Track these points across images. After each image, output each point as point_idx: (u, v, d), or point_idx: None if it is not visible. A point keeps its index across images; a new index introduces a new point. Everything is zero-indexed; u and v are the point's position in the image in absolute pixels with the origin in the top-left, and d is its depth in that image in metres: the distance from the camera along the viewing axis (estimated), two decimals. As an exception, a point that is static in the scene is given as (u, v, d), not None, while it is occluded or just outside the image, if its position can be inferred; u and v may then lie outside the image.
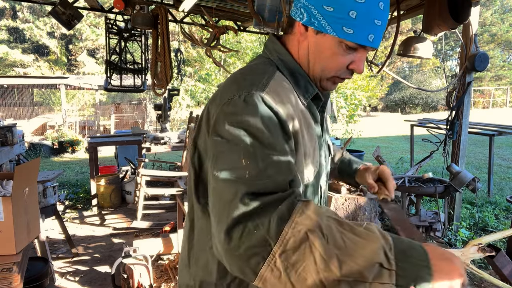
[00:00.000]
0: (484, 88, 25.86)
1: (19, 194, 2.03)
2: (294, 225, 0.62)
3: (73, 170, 8.48)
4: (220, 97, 0.82)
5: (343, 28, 0.79)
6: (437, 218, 3.33)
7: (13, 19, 22.13)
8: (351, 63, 0.85)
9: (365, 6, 0.78)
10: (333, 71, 0.87)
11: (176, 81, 9.32)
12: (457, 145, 3.87)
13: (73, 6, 4.15)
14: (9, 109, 16.84)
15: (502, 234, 0.95)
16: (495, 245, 1.02)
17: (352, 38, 0.80)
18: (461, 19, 3.25)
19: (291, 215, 0.64)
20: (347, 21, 0.79)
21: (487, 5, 25.98)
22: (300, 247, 0.61)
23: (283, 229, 0.62)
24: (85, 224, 4.76)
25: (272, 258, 0.61)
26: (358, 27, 0.79)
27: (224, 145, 0.73)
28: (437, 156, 4.19)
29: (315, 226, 0.62)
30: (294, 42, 0.90)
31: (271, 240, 0.62)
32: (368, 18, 0.79)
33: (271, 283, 0.63)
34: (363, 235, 0.64)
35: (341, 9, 0.78)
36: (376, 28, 0.81)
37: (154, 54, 4.15)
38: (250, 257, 0.63)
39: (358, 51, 0.84)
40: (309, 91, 0.90)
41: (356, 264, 0.60)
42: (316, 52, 0.86)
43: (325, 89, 0.93)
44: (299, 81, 0.89)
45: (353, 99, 9.76)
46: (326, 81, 0.90)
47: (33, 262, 2.62)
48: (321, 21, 0.81)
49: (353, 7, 0.78)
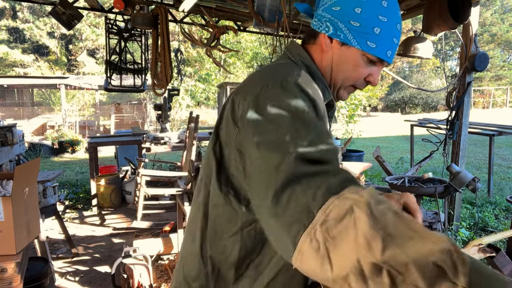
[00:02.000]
0: (484, 88, 25.87)
1: (19, 194, 2.03)
2: (342, 197, 0.57)
3: (73, 170, 8.48)
4: (249, 86, 0.83)
5: (367, 42, 0.88)
6: (437, 218, 3.33)
7: (13, 19, 22.14)
8: (368, 76, 0.94)
9: (387, 24, 0.89)
10: (353, 80, 0.95)
11: (176, 81, 9.33)
12: (457, 145, 3.87)
13: (73, 6, 4.15)
14: (9, 109, 16.85)
15: (502, 234, 0.95)
16: (495, 245, 1.02)
17: (374, 52, 0.89)
18: (461, 19, 3.25)
19: (343, 190, 0.59)
20: (372, 36, 0.88)
21: (487, 5, 25.99)
22: (344, 219, 0.55)
23: (329, 198, 0.58)
24: (85, 224, 4.76)
25: (313, 227, 0.57)
26: (380, 42, 0.89)
27: (266, 125, 0.72)
28: (437, 156, 4.19)
29: (366, 203, 0.55)
30: (317, 51, 0.96)
31: (314, 207, 0.58)
32: (389, 35, 0.89)
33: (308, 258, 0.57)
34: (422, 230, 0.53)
35: (367, 25, 0.88)
36: (394, 45, 0.91)
37: (154, 54, 4.15)
38: (292, 223, 0.59)
39: (376, 65, 0.93)
40: (326, 96, 0.94)
41: (404, 254, 0.50)
42: (339, 62, 0.93)
43: (340, 97, 0.99)
44: (318, 85, 0.92)
45: (353, 99, 9.76)
46: (343, 90, 0.97)
47: (33, 262, 2.62)
48: (347, 34, 0.90)
49: (377, 24, 0.88)
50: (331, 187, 0.59)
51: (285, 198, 0.61)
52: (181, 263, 0.99)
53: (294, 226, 0.59)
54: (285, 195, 0.61)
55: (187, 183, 3.47)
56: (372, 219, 0.54)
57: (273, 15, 3.08)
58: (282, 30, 3.02)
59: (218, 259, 0.90)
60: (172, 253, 3.43)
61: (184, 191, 3.49)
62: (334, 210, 0.56)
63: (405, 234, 0.53)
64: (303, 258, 0.58)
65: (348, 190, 0.58)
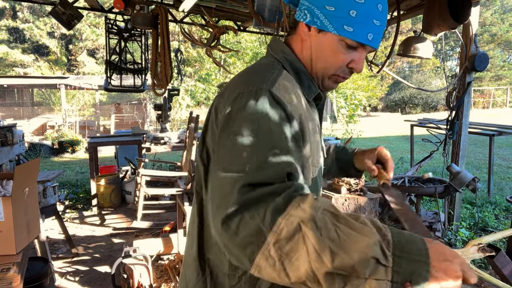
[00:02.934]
0: (484, 88, 25.86)
1: (19, 194, 2.03)
2: (288, 217, 0.63)
3: (73, 170, 8.48)
4: (228, 92, 0.84)
5: (344, 26, 0.84)
6: (437, 218, 3.33)
7: (13, 19, 22.14)
8: (350, 62, 0.89)
9: (364, 6, 0.83)
10: (334, 69, 0.90)
11: (176, 81, 9.33)
12: (457, 145, 3.87)
13: (73, 6, 4.14)
14: (9, 109, 16.84)
15: (502, 234, 0.95)
16: (495, 245, 1.02)
17: (352, 36, 0.84)
18: (461, 19, 3.25)
19: (287, 207, 0.64)
20: (348, 20, 0.83)
21: (487, 5, 25.98)
22: (294, 237, 0.62)
23: (277, 219, 0.63)
24: (85, 224, 4.76)
25: (266, 247, 0.63)
26: (357, 25, 0.84)
27: (230, 139, 0.75)
28: (437, 156, 4.19)
29: (309, 218, 0.62)
30: (297, 42, 0.94)
31: (265, 229, 0.63)
32: (367, 18, 0.84)
33: (266, 272, 0.64)
34: (358, 229, 0.63)
35: (342, 8, 0.83)
36: (375, 27, 0.85)
37: (154, 54, 4.15)
38: (246, 245, 0.64)
39: (357, 50, 0.88)
40: (312, 91, 0.93)
41: (349, 258, 0.60)
42: (318, 50, 0.90)
43: (327, 88, 0.96)
44: (303, 80, 0.92)
45: (353, 99, 9.77)
46: (327, 80, 0.93)
47: (33, 262, 2.62)
48: (323, 20, 0.86)
49: (353, 6, 0.83)
50: (277, 208, 0.64)
51: (235, 224, 0.65)
52: (184, 268, 1.00)
53: (248, 248, 0.64)
54: (234, 222, 0.65)
55: (187, 183, 3.47)
56: (318, 232, 0.61)
57: (273, 15, 3.08)
58: (282, 30, 3.02)
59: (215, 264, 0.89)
60: (172, 253, 3.43)
61: (184, 191, 3.49)
62: (283, 229, 0.62)
63: (347, 236, 0.61)
64: (261, 270, 0.64)
65: (292, 206, 0.64)
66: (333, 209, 0.66)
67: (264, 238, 0.63)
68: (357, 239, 0.61)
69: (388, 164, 1.07)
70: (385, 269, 0.60)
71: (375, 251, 0.60)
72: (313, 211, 0.64)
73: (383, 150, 1.09)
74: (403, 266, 0.61)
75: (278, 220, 0.63)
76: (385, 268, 0.60)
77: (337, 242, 0.61)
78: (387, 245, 0.62)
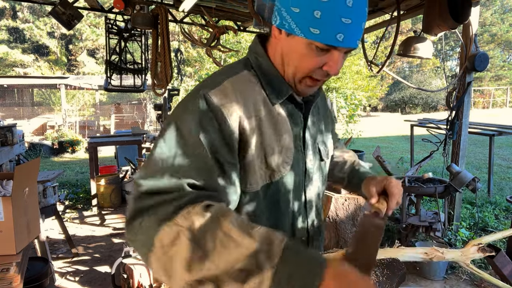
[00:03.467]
0: (484, 88, 25.86)
1: (19, 194, 2.03)
2: (172, 225, 0.67)
3: (73, 170, 8.48)
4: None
5: (310, 28, 0.78)
6: (437, 218, 3.33)
7: (13, 19, 22.14)
8: (324, 65, 0.84)
9: (329, 4, 0.76)
10: (305, 72, 0.86)
11: (176, 81, 9.33)
12: (457, 145, 3.87)
13: (73, 6, 4.14)
14: (9, 109, 16.84)
15: (502, 234, 0.95)
16: (495, 245, 1.02)
17: (319, 38, 0.78)
18: (461, 19, 3.25)
19: (176, 216, 0.68)
20: (313, 21, 0.77)
21: (487, 5, 25.98)
22: (174, 244, 0.65)
23: (163, 227, 0.68)
24: (85, 224, 4.76)
25: (155, 251, 0.68)
26: (324, 27, 0.77)
27: (151, 152, 0.80)
28: (437, 156, 4.19)
29: (188, 227, 0.66)
30: (272, 45, 0.91)
31: (153, 235, 0.68)
32: (334, 17, 0.76)
33: (157, 272, 0.69)
34: (237, 240, 0.64)
35: (306, 9, 0.77)
36: (345, 26, 0.77)
37: (154, 54, 4.15)
38: (142, 247, 0.71)
39: (330, 52, 0.82)
40: (283, 92, 0.90)
41: (215, 268, 0.62)
42: (288, 54, 0.86)
43: (301, 93, 0.92)
44: (272, 82, 0.90)
45: (353, 99, 9.77)
46: (299, 84, 0.89)
47: (33, 262, 2.62)
48: (290, 23, 0.81)
49: (317, 6, 0.76)
50: (165, 217, 0.69)
51: (133, 228, 0.72)
52: None
53: (143, 249, 0.71)
54: (133, 226, 0.72)
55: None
56: (193, 243, 0.64)
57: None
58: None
59: None
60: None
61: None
62: (165, 236, 0.67)
63: (221, 246, 0.63)
64: (154, 270, 0.70)
65: (180, 215, 0.68)
66: (223, 219, 0.66)
67: (152, 243, 0.68)
68: (230, 250, 0.63)
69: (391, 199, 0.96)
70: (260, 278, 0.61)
71: (244, 263, 0.61)
72: (197, 220, 0.66)
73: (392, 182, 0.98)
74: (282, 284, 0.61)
75: (163, 228, 0.67)
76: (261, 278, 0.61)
77: (209, 252, 0.63)
78: (268, 258, 0.61)
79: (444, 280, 3.21)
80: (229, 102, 0.81)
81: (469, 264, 0.84)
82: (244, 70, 0.90)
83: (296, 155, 0.93)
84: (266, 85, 0.89)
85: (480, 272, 0.84)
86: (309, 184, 0.99)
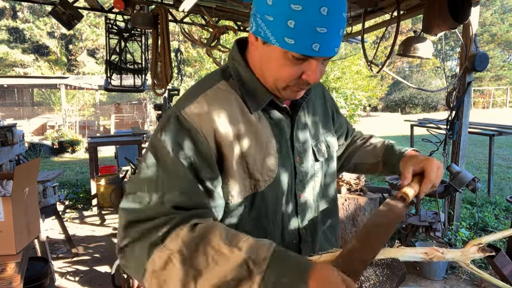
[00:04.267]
0: (484, 88, 25.86)
1: (19, 194, 2.03)
2: (163, 249, 0.70)
3: (73, 170, 8.48)
4: None
5: (284, 38, 0.75)
6: (437, 218, 3.33)
7: (13, 19, 22.14)
8: (303, 74, 0.81)
9: (303, 13, 0.72)
10: (285, 82, 0.83)
11: (176, 81, 9.32)
12: (457, 145, 3.87)
13: (73, 6, 4.14)
14: (9, 109, 16.85)
15: (502, 234, 0.95)
16: (495, 245, 1.02)
17: (294, 48, 0.75)
18: (461, 19, 3.25)
19: (165, 240, 0.71)
20: (287, 31, 0.74)
21: (487, 5, 25.98)
22: (166, 267, 0.68)
23: (153, 252, 0.70)
24: (85, 224, 4.76)
25: (147, 277, 0.71)
26: (298, 37, 0.74)
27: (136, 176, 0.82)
28: (437, 156, 4.16)
29: (179, 250, 0.68)
30: (250, 51, 0.89)
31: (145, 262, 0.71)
32: (308, 27, 0.73)
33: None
34: (226, 254, 0.67)
35: (280, 18, 0.74)
36: (321, 36, 0.73)
37: (154, 54, 4.15)
38: (136, 273, 0.74)
39: (308, 61, 0.79)
40: (262, 100, 0.88)
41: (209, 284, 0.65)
42: (265, 62, 0.83)
43: (287, 97, 0.89)
44: (251, 90, 0.89)
45: (353, 99, 9.76)
46: (283, 91, 0.86)
47: (33, 262, 2.62)
48: (265, 30, 0.77)
49: (290, 16, 0.72)
50: (155, 242, 0.71)
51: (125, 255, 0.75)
52: None
53: (137, 275, 0.73)
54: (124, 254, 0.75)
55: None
56: (185, 264, 0.67)
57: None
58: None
59: None
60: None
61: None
62: (157, 261, 0.69)
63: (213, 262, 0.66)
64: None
65: (170, 238, 0.70)
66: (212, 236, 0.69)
67: (145, 269, 0.71)
68: (221, 265, 0.66)
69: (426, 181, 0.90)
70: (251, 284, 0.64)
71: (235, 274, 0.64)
72: (186, 241, 0.69)
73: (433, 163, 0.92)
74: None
75: (154, 253, 0.70)
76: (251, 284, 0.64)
77: (201, 270, 0.66)
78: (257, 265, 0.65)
79: (444, 280, 3.21)
80: (202, 118, 0.82)
81: (469, 264, 0.84)
82: (222, 80, 0.89)
83: (283, 161, 0.91)
84: (246, 94, 0.88)
85: (480, 272, 0.84)
86: (302, 187, 0.97)
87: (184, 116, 0.82)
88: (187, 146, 0.80)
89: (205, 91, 0.87)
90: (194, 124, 0.81)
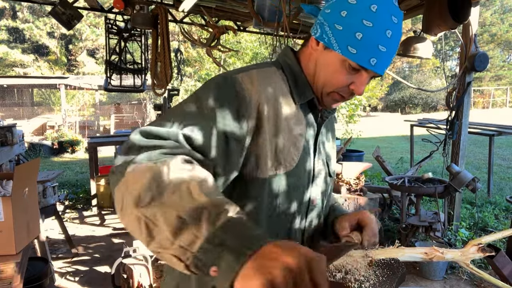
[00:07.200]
0: (484, 88, 25.86)
1: (19, 194, 2.04)
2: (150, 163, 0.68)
3: (73, 170, 8.48)
4: None
5: (348, 47, 0.84)
6: (437, 218, 3.33)
7: (13, 19, 22.12)
8: (351, 84, 0.90)
9: (372, 30, 0.83)
10: (334, 86, 0.91)
11: (176, 81, 9.32)
12: (457, 145, 3.87)
13: (73, 6, 4.14)
14: (9, 109, 16.84)
15: (502, 234, 0.95)
16: (495, 245, 1.02)
17: (354, 58, 0.85)
18: (461, 19, 3.25)
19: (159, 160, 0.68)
20: (352, 41, 0.84)
21: (487, 5, 25.98)
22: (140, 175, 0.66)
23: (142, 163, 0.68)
24: (85, 224, 4.76)
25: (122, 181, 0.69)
26: (361, 48, 0.84)
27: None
28: (437, 156, 4.19)
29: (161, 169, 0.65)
30: (306, 54, 0.96)
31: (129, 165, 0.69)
32: (373, 42, 0.83)
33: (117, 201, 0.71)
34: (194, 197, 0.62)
35: (349, 29, 0.84)
36: (380, 53, 0.84)
37: (154, 54, 4.15)
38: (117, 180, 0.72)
39: (360, 73, 0.88)
40: (306, 95, 0.94)
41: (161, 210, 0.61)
42: (322, 66, 0.91)
43: (325, 105, 0.97)
44: (298, 83, 0.95)
45: (353, 99, 9.75)
46: (326, 97, 0.94)
47: (33, 262, 2.62)
48: (330, 37, 0.87)
49: (360, 29, 0.83)
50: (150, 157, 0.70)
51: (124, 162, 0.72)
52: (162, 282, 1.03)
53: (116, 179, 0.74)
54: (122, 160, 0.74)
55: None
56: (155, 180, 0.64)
57: (273, 15, 3.08)
58: (282, 30, 3.02)
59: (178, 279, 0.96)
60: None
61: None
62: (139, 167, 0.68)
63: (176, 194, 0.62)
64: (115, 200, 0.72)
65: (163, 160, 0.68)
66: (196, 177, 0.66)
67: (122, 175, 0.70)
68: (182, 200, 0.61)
69: (366, 229, 0.93)
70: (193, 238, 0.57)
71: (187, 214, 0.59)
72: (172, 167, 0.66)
73: (365, 214, 0.97)
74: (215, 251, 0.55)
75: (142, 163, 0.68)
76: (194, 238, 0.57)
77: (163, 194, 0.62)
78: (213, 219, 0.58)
79: (444, 280, 3.21)
80: (253, 86, 0.86)
81: (469, 264, 0.84)
82: (273, 66, 0.95)
83: (304, 156, 0.94)
84: (292, 84, 0.94)
85: (480, 272, 0.84)
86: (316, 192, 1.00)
87: (237, 78, 0.86)
88: (229, 103, 0.82)
89: (259, 68, 0.92)
90: (244, 87, 0.84)
